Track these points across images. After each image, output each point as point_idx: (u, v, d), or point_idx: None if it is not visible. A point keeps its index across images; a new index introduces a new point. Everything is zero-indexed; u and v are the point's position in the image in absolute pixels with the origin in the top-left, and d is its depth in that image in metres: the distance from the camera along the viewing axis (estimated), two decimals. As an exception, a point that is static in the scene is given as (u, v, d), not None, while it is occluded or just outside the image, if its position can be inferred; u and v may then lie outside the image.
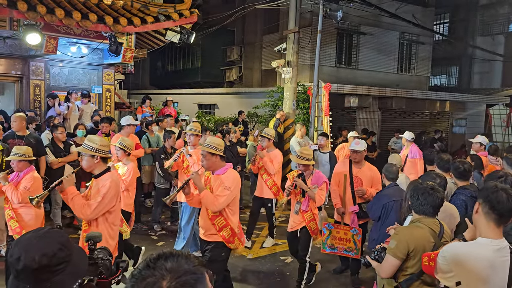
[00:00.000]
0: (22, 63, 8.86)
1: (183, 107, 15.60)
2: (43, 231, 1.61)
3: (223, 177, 3.97)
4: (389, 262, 2.82)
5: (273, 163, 6.45)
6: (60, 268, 1.49)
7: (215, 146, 3.98)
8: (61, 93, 9.05)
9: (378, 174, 5.12)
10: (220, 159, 4.03)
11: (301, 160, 4.93)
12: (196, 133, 6.08)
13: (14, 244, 1.55)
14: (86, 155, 3.54)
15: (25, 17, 6.98)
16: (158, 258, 1.12)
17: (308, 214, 4.98)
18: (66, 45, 8.68)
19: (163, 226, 7.34)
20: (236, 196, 4.07)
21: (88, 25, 7.53)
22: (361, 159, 5.22)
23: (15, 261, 1.45)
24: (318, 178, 5.01)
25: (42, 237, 1.54)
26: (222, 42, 17.97)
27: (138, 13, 8.47)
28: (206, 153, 3.97)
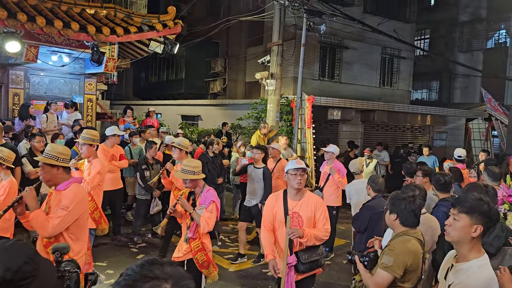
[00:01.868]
0: (1, 71, 8.69)
1: (166, 119, 15.49)
2: (8, 243, 1.52)
3: (63, 193, 3.21)
4: (383, 278, 2.72)
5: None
6: (25, 283, 1.40)
7: (55, 155, 3.21)
8: (41, 102, 8.89)
9: (324, 206, 3.72)
10: (63, 171, 3.27)
11: (185, 175, 4.03)
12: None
13: None
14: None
15: (4, 24, 6.87)
16: (152, 263, 1.11)
17: (196, 243, 4.07)
18: (47, 54, 8.56)
19: (144, 239, 7.19)
20: (81, 219, 3.28)
21: (69, 34, 7.44)
22: (303, 185, 3.72)
23: None
24: (207, 197, 4.08)
25: (7, 249, 1.45)
26: (206, 54, 17.99)
27: (122, 23, 8.41)
28: (43, 165, 3.22)
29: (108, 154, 6.86)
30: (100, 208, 5.07)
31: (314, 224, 3.66)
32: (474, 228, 2.20)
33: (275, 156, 7.15)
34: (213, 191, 4.17)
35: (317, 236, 3.56)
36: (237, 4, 15.80)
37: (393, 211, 2.87)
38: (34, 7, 7.62)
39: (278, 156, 7.19)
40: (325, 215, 3.66)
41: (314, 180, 10.05)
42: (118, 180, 7.12)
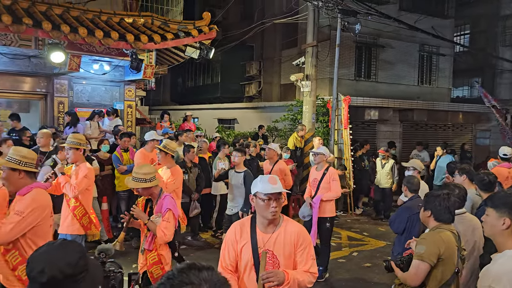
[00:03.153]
0: (47, 81, 9.11)
1: (203, 122, 15.74)
2: (58, 243, 1.62)
3: (20, 198, 3.08)
4: (418, 268, 2.75)
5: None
6: (81, 277, 1.49)
7: (18, 159, 3.10)
8: (84, 109, 9.27)
9: (308, 239, 2.70)
10: (26, 175, 3.14)
11: (137, 183, 3.68)
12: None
13: (31, 259, 1.55)
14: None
15: (49, 36, 7.21)
16: (190, 268, 1.15)
17: (152, 255, 3.73)
18: (88, 63, 8.90)
19: (184, 241, 7.33)
20: (40, 226, 3.08)
21: (110, 42, 7.72)
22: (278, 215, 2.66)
23: (39, 275, 1.44)
24: (163, 204, 3.72)
25: (59, 247, 1.54)
26: (241, 58, 18.14)
27: (159, 30, 8.64)
28: (6, 169, 3.13)
29: (147, 158, 7.04)
30: (89, 213, 4.88)
31: (294, 265, 2.63)
32: (502, 221, 2.25)
33: (271, 158, 6.89)
34: (170, 198, 3.78)
35: (302, 282, 2.55)
36: (271, 7, 15.86)
37: (427, 207, 2.95)
38: (76, 18, 7.96)
39: (275, 158, 6.89)
40: (310, 253, 2.64)
41: (352, 182, 9.91)
42: (159, 183, 7.29)
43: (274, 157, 6.81)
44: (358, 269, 6.39)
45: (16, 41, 7.54)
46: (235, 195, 6.23)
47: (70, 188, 4.64)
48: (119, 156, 7.49)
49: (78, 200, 4.78)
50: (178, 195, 5.89)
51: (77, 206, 4.78)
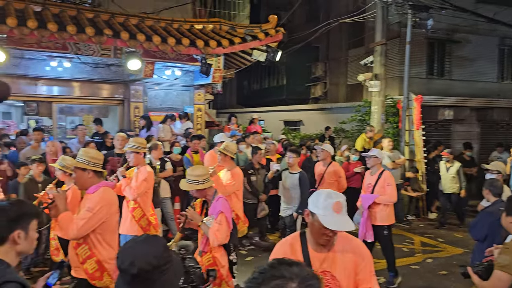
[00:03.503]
0: (124, 88, 9.72)
1: (269, 125, 15.86)
2: (142, 237, 1.74)
3: (90, 196, 3.30)
4: (500, 279, 2.57)
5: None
6: (166, 268, 1.59)
7: (87, 159, 3.34)
8: (157, 113, 9.75)
9: (368, 253, 2.42)
10: (94, 175, 3.36)
11: (190, 185, 3.69)
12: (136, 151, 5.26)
13: (120, 252, 1.68)
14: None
15: (127, 45, 7.69)
16: (281, 263, 1.18)
17: (207, 257, 3.71)
18: (161, 69, 9.36)
19: (252, 242, 7.44)
20: (108, 222, 3.30)
21: (181, 49, 8.07)
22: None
23: (129, 267, 1.55)
24: (215, 206, 3.68)
25: (145, 242, 1.66)
26: (306, 59, 18.04)
27: (226, 35, 8.87)
28: (75, 169, 3.39)
29: (216, 160, 7.24)
30: (148, 215, 4.97)
31: (355, 285, 2.37)
32: None
33: (325, 159, 6.70)
34: (223, 200, 3.73)
35: None
36: (337, 7, 15.62)
37: (510, 213, 2.79)
38: (151, 27, 8.41)
39: (328, 159, 6.68)
40: (371, 269, 2.39)
41: (425, 185, 9.47)
42: (227, 184, 7.47)
43: (328, 158, 6.62)
44: (433, 276, 6.09)
45: (98, 51, 8.12)
46: (289, 197, 6.12)
47: (130, 190, 4.79)
48: (190, 158, 7.77)
49: (137, 202, 4.89)
50: (239, 197, 5.88)
51: (135, 208, 4.91)
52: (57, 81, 9.00)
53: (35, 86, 8.88)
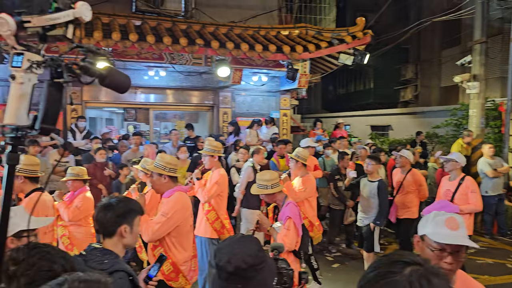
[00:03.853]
0: (213, 94, 10.14)
1: (355, 130, 15.49)
2: (237, 237, 1.79)
3: (165, 201, 3.45)
4: None
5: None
6: (261, 267, 1.62)
7: (163, 165, 3.48)
8: (244, 119, 10.00)
9: None
10: (170, 179, 3.51)
11: (259, 190, 3.71)
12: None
13: (217, 251, 1.75)
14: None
15: (216, 53, 8.01)
16: (395, 262, 1.14)
17: None
18: (248, 75, 9.60)
19: (338, 249, 7.29)
20: (182, 226, 3.40)
21: (268, 55, 8.21)
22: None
23: (226, 264, 1.61)
24: (284, 212, 3.67)
25: (241, 241, 1.70)
26: (395, 61, 17.35)
27: (313, 40, 8.85)
28: (153, 174, 3.53)
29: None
30: (222, 218, 4.99)
31: None
32: None
33: (404, 166, 6.21)
34: (292, 206, 3.70)
35: None
36: (429, 5, 14.81)
37: None
38: (239, 35, 8.68)
39: (408, 166, 6.18)
40: None
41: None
42: (313, 189, 7.41)
43: (407, 165, 6.18)
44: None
45: (190, 60, 8.57)
46: (367, 206, 5.76)
47: (202, 193, 4.88)
48: (276, 162, 7.84)
49: (211, 204, 4.95)
50: (312, 204, 5.69)
51: (209, 211, 4.95)
52: (154, 89, 9.66)
53: (134, 94, 9.61)
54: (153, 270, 2.44)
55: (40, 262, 1.51)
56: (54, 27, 1.35)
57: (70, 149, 7.14)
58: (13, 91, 1.27)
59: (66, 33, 1.36)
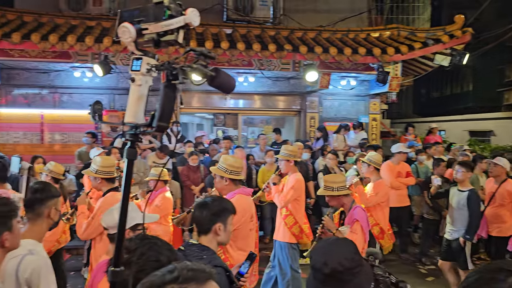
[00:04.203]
0: (300, 99, 10.15)
1: (451, 135, 14.49)
2: (332, 240, 1.77)
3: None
4: None
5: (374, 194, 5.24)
6: (358, 271, 1.59)
7: (225, 167, 3.53)
8: (332, 123, 9.87)
9: None
10: (231, 182, 3.53)
11: (325, 191, 3.77)
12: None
13: (314, 253, 1.74)
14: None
15: (305, 58, 8.03)
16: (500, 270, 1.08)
17: None
18: (336, 79, 9.47)
19: (433, 261, 6.85)
20: (241, 229, 3.40)
21: (357, 58, 8.03)
22: None
23: (322, 266, 1.61)
24: (352, 215, 3.68)
25: (337, 243, 1.68)
26: (498, 61, 15.92)
27: (405, 41, 8.48)
28: (215, 175, 3.61)
29: (394, 171, 6.95)
30: (300, 223, 4.96)
31: None
32: None
33: (498, 175, 5.48)
34: (360, 209, 3.67)
35: None
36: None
37: None
38: (327, 39, 8.62)
39: (502, 176, 5.47)
40: None
41: None
42: (405, 197, 7.08)
43: (502, 175, 5.51)
44: None
45: (278, 65, 8.68)
46: (455, 218, 5.26)
47: (278, 198, 4.88)
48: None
49: (288, 209, 4.94)
50: (384, 211, 5.41)
51: (287, 215, 4.95)
52: (243, 95, 9.95)
53: (224, 100, 9.98)
54: (244, 267, 2.50)
55: (149, 252, 1.63)
56: (166, 33, 1.45)
57: (167, 152, 7.61)
58: (132, 93, 1.40)
59: (177, 38, 1.46)
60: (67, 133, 9.16)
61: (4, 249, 1.86)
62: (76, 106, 9.18)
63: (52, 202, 2.49)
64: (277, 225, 5.11)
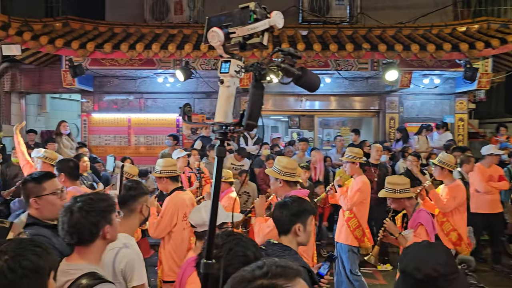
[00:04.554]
0: (379, 99, 9.81)
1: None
2: (424, 243, 1.69)
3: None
4: None
5: None
6: (453, 278, 1.50)
7: (279, 169, 3.52)
8: (413, 124, 9.42)
9: None
10: (285, 184, 3.49)
11: (386, 193, 3.69)
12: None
13: (404, 256, 1.67)
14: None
15: (384, 57, 7.76)
16: None
17: None
18: (418, 78, 9.02)
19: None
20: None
21: (441, 55, 7.59)
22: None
23: (414, 271, 1.55)
24: (415, 218, 3.56)
25: (430, 247, 1.60)
26: None
27: (496, 34, 7.87)
28: (270, 177, 3.62)
29: (485, 174, 6.47)
30: (364, 226, 4.90)
31: None
32: None
33: None
34: (425, 213, 3.56)
35: None
36: None
37: None
38: (408, 36, 8.26)
39: None
40: None
41: None
42: (497, 203, 6.55)
43: None
44: None
45: (356, 65, 8.48)
46: None
47: (344, 201, 4.81)
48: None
49: (352, 212, 4.87)
50: (463, 215, 5.00)
51: (351, 218, 4.88)
52: (319, 96, 9.85)
53: (300, 102, 9.95)
54: (323, 269, 2.49)
55: (236, 248, 1.69)
56: (251, 36, 1.49)
57: (244, 154, 7.78)
58: (221, 94, 1.46)
59: (262, 40, 1.49)
60: (151, 135, 9.73)
61: (106, 240, 2.00)
62: (159, 110, 9.73)
63: (143, 199, 2.66)
64: (339, 227, 5.09)
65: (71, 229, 1.92)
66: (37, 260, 1.36)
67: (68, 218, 1.93)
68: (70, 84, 8.37)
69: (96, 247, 1.98)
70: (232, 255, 1.65)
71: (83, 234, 1.93)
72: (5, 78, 9.38)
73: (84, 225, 1.92)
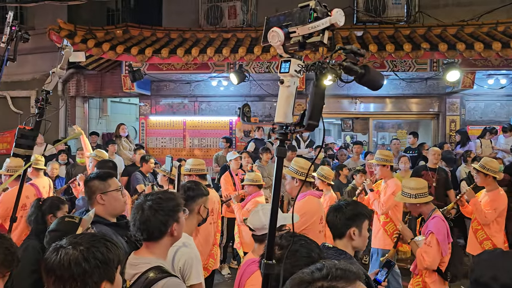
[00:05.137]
0: (439, 101, 9.40)
1: None
2: (498, 251, 1.61)
3: (296, 204, 3.42)
4: None
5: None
6: None
7: (296, 169, 3.65)
8: (476, 127, 8.94)
9: None
10: (301, 184, 3.57)
11: (402, 198, 3.60)
12: None
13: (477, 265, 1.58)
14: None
15: (444, 56, 7.41)
16: None
17: (416, 280, 3.52)
18: (482, 78, 8.56)
19: None
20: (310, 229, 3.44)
21: (509, 53, 7.14)
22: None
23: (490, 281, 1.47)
24: (428, 226, 3.44)
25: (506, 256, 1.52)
26: None
27: None
28: (286, 177, 3.71)
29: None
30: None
31: None
32: None
33: None
34: (438, 220, 3.41)
35: None
36: None
37: None
38: (471, 34, 7.84)
39: None
40: None
41: None
42: None
43: None
44: None
45: (414, 66, 8.17)
46: None
47: (378, 205, 4.73)
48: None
49: (388, 216, 4.79)
50: (501, 225, 4.62)
51: (387, 222, 4.81)
52: (373, 99, 9.59)
53: (354, 104, 9.75)
54: (380, 275, 2.47)
55: (301, 249, 1.70)
56: (311, 35, 1.46)
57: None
58: (281, 94, 1.45)
59: (322, 39, 1.46)
60: (205, 138, 9.94)
61: (173, 238, 2.08)
62: (213, 113, 9.93)
63: (202, 200, 2.72)
64: (375, 232, 4.98)
65: (142, 226, 2.02)
66: (107, 252, 1.43)
67: (140, 216, 2.02)
68: (130, 88, 8.76)
69: (164, 243, 2.06)
70: (297, 256, 1.67)
71: (153, 231, 2.02)
72: (71, 83, 10.00)
73: (153, 223, 2.01)
